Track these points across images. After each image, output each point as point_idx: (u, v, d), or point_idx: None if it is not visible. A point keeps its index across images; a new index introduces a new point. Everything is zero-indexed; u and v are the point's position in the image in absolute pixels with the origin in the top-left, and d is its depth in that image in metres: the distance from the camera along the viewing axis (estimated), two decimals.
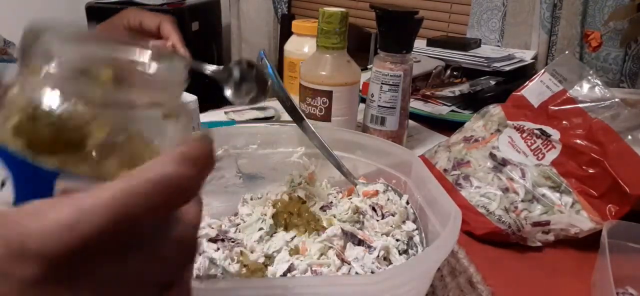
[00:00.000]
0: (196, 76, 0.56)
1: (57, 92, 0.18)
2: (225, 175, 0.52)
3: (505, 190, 0.55)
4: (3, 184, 0.19)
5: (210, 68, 0.54)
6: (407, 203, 0.47)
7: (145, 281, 0.19)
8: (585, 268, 0.48)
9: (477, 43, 1.13)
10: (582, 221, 0.52)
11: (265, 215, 0.46)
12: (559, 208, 0.53)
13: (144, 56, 0.20)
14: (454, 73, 0.99)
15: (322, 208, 0.48)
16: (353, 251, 0.41)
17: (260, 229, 0.45)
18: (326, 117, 0.67)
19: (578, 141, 0.56)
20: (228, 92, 0.53)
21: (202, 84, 0.59)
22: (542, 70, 0.68)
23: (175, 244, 0.20)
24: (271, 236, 0.44)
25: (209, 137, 0.20)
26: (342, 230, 0.42)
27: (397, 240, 0.43)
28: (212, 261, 0.39)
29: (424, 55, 1.04)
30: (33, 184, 0.19)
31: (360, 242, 0.42)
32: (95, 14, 1.69)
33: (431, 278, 0.40)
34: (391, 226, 0.44)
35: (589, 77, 0.62)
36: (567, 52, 0.96)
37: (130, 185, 0.17)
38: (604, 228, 0.45)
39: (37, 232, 0.16)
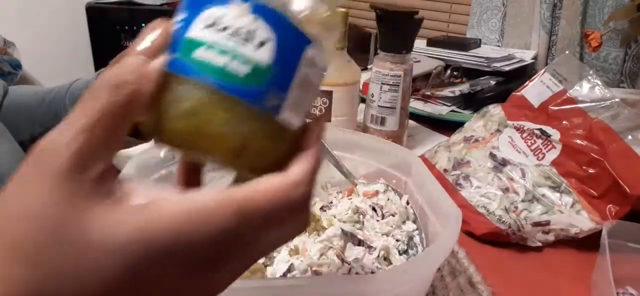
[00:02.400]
0: None
1: None
2: (226, 175, 0.51)
3: (506, 190, 0.55)
4: (262, 44, 0.22)
5: None
6: (407, 203, 0.47)
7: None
8: (585, 268, 0.48)
9: (477, 43, 1.13)
10: (582, 221, 0.52)
11: None
12: (559, 208, 0.53)
13: None
14: (454, 73, 0.99)
15: (322, 208, 0.48)
16: (353, 252, 0.41)
17: None
18: (326, 117, 0.67)
19: (578, 141, 0.56)
20: None
21: None
22: (542, 70, 0.68)
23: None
24: None
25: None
26: (342, 230, 0.42)
27: (397, 240, 0.43)
28: None
29: (424, 55, 1.04)
30: (290, 49, 0.22)
31: (360, 242, 0.42)
32: (95, 14, 1.69)
33: (431, 278, 0.40)
34: (391, 226, 0.44)
35: (589, 77, 0.62)
36: (567, 52, 0.96)
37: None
38: (604, 228, 0.45)
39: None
